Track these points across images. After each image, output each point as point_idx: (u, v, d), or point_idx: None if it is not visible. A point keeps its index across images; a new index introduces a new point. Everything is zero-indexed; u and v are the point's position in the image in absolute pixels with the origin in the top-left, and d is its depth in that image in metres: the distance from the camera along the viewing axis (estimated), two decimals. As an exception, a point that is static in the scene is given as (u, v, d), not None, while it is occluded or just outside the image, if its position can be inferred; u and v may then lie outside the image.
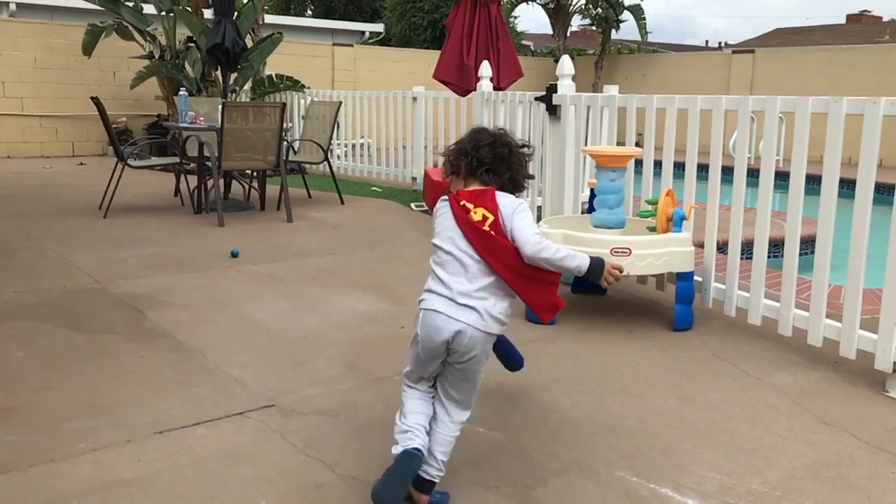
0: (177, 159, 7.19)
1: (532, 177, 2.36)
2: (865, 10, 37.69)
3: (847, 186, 3.21)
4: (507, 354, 2.80)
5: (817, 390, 3.04)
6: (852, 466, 2.45)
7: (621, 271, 2.21)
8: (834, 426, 2.73)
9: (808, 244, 3.92)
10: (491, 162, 2.25)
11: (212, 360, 3.24)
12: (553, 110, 5.20)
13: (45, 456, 2.39)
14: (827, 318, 3.32)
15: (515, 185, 2.29)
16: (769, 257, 3.70)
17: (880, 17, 36.85)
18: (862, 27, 31.63)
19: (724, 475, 2.37)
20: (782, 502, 2.23)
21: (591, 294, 4.36)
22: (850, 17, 37.06)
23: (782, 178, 3.53)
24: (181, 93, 7.45)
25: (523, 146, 2.34)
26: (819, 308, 3.33)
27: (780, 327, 3.52)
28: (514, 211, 2.18)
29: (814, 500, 2.24)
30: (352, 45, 15.54)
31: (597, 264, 2.17)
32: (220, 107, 6.51)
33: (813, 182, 3.38)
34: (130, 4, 10.50)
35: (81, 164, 10.70)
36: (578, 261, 2.15)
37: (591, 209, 4.30)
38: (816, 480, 2.35)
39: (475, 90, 6.46)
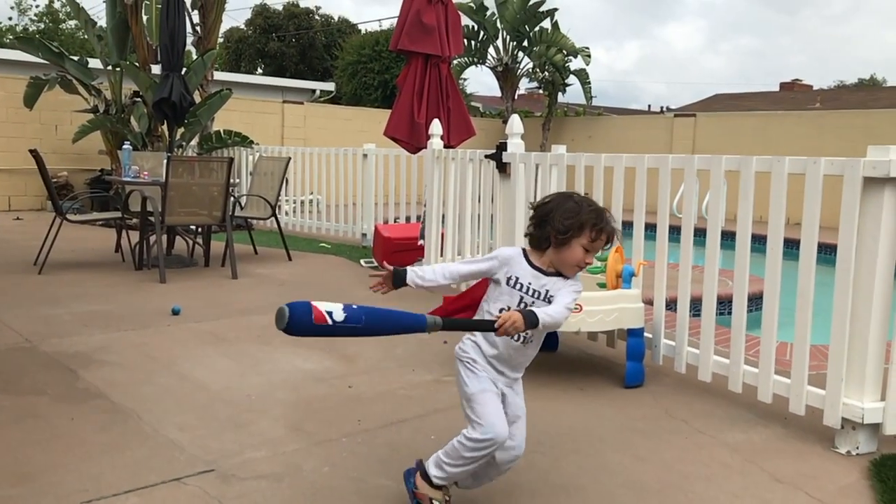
0: (118, 214, 7.00)
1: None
2: (797, 79, 39.70)
3: (791, 246, 3.28)
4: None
5: (769, 447, 3.03)
6: (808, 525, 2.42)
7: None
8: (787, 484, 2.70)
9: (754, 301, 3.97)
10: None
11: (148, 422, 3.08)
12: (503, 168, 5.25)
13: (-43, 530, 2.20)
14: (776, 375, 3.33)
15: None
16: (718, 314, 3.73)
17: (811, 86, 38.86)
18: (794, 94, 33.27)
19: (682, 537, 2.31)
20: (741, 565, 2.17)
21: (543, 351, 4.30)
22: (783, 85, 38.97)
23: (727, 237, 3.59)
24: (125, 146, 7.31)
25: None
26: (768, 364, 3.34)
27: (731, 384, 3.53)
28: None
29: (772, 561, 2.20)
30: (302, 103, 15.60)
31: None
32: (165, 161, 6.39)
33: (757, 241, 3.44)
34: (76, 58, 10.37)
35: (18, 218, 10.35)
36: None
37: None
38: (773, 541, 2.31)
39: (426, 147, 6.49)
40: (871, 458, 2.92)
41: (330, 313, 2.03)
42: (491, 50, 17.42)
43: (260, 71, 26.00)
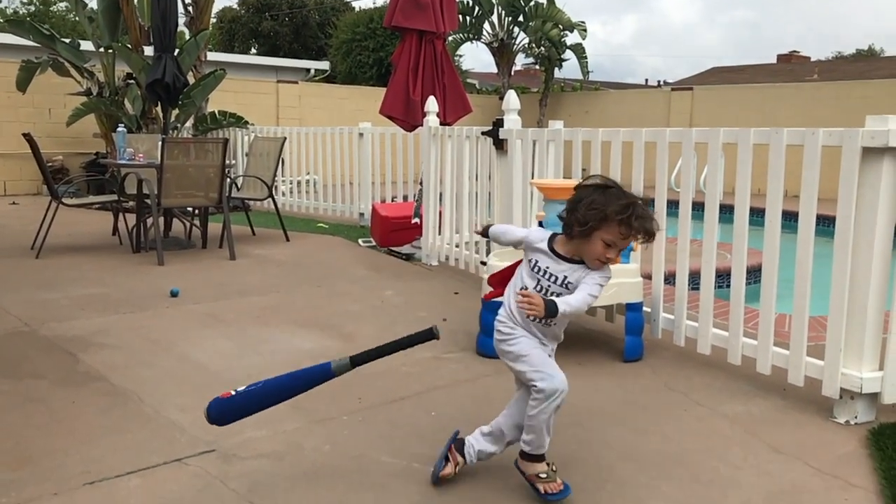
0: (114, 197, 6.97)
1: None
2: (794, 51, 39.46)
3: (789, 219, 3.27)
4: None
5: (768, 419, 3.04)
6: (806, 494, 2.43)
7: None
8: (786, 454, 2.72)
9: (753, 274, 3.96)
10: None
11: (149, 404, 3.08)
12: (500, 144, 5.22)
13: (-39, 513, 2.21)
14: (774, 347, 3.34)
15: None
16: (716, 288, 3.73)
17: (808, 58, 38.61)
18: (792, 66, 33.07)
19: (682, 508, 2.33)
20: (740, 534, 2.19)
21: (542, 327, 4.32)
22: (780, 57, 38.72)
23: (725, 210, 3.58)
24: (119, 129, 7.27)
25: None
26: (766, 337, 3.35)
27: (730, 356, 3.53)
28: None
29: (771, 530, 2.21)
30: (297, 83, 15.49)
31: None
32: (160, 143, 6.35)
33: (756, 214, 3.43)
34: (67, 41, 10.28)
35: (14, 203, 10.31)
36: None
37: (539, 242, 4.28)
38: (773, 510, 2.33)
39: (422, 125, 6.45)
40: (869, 427, 2.94)
41: (235, 389, 2.33)
42: (486, 25, 17.24)
43: (254, 51, 25.81)
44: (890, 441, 2.75)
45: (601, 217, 2.21)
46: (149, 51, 9.26)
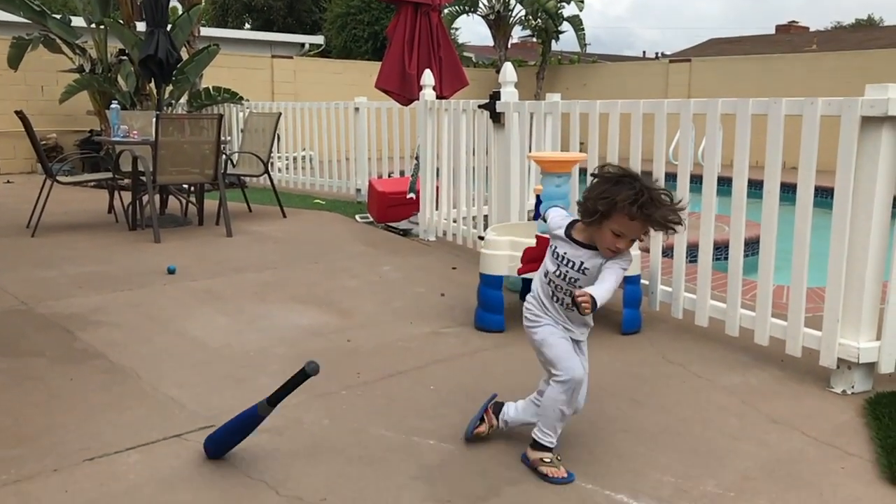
0: (109, 175, 6.93)
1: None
2: (793, 21, 39.16)
3: (787, 191, 3.25)
4: None
5: (766, 389, 3.05)
6: (804, 463, 2.45)
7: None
8: (784, 424, 2.73)
9: (751, 246, 3.95)
10: None
11: (147, 381, 3.08)
12: (497, 117, 5.18)
13: (-39, 490, 2.22)
14: (772, 318, 3.34)
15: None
16: (714, 260, 3.72)
17: (807, 28, 38.33)
18: (791, 37, 32.81)
19: (679, 478, 2.34)
20: (737, 503, 2.20)
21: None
22: (779, 28, 38.43)
23: (723, 183, 3.56)
24: (113, 105, 7.20)
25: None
26: (765, 308, 3.35)
27: (727, 328, 3.54)
28: None
29: (767, 499, 2.23)
30: (291, 58, 15.35)
31: None
32: (155, 119, 6.30)
33: (754, 186, 3.41)
34: (58, 16, 10.15)
35: (8, 181, 10.26)
36: None
37: (537, 216, 4.27)
38: (770, 479, 2.34)
39: (418, 99, 6.40)
40: (865, 396, 2.95)
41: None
42: (482, -3, 17.08)
43: (247, 26, 25.52)
44: (886, 410, 2.76)
45: (608, 207, 2.22)
46: (141, 26, 9.14)
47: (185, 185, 7.23)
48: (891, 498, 2.25)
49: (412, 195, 6.71)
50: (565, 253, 2.37)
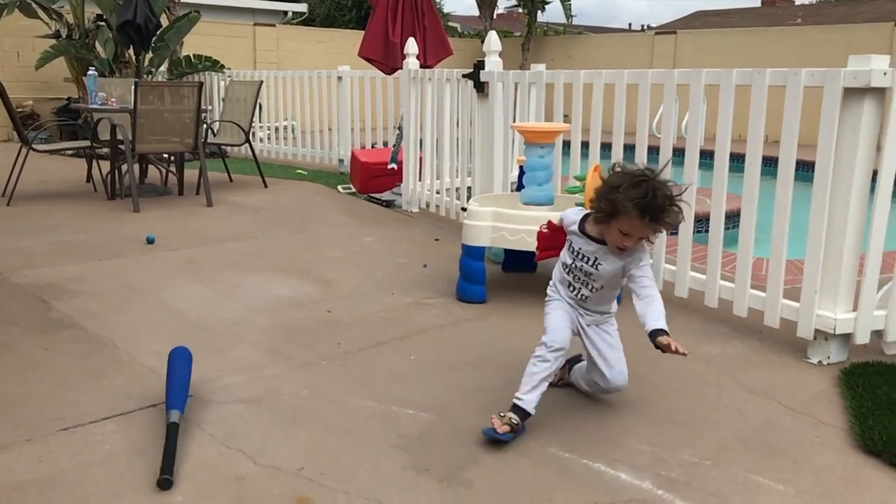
0: (87, 143, 6.81)
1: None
2: (779, -5, 38.97)
3: (769, 164, 3.24)
4: None
5: (744, 360, 3.08)
6: (779, 433, 2.47)
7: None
8: (761, 394, 2.75)
9: (731, 219, 3.96)
10: None
11: (124, 351, 3.05)
12: (481, 87, 5.13)
13: (-67, 460, 2.19)
14: (751, 289, 3.35)
15: None
16: (695, 233, 3.72)
17: (792, 1, 38.21)
18: (776, 10, 32.68)
19: (657, 447, 2.36)
20: (713, 472, 2.22)
21: (522, 272, 4.32)
22: (764, 1, 38.26)
23: (705, 156, 3.55)
24: (90, 72, 7.05)
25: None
26: (744, 279, 3.36)
27: (707, 299, 3.55)
28: None
29: (743, 467, 2.25)
30: (274, 25, 15.11)
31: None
32: (134, 87, 6.18)
33: (736, 160, 3.41)
34: (33, -20, 9.90)
35: (-16, 150, 10.07)
36: None
37: (520, 187, 4.25)
38: (746, 448, 2.36)
39: (401, 68, 6.32)
40: (841, 366, 2.98)
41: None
42: (468, -33, 16.86)
43: (229, -7, 25.05)
44: (860, 380, 2.79)
45: (615, 207, 2.28)
46: (119, -9, 8.95)
47: (165, 155, 7.13)
48: (862, 465, 2.28)
49: (394, 165, 6.66)
50: (580, 248, 2.48)
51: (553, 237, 2.73)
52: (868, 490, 2.15)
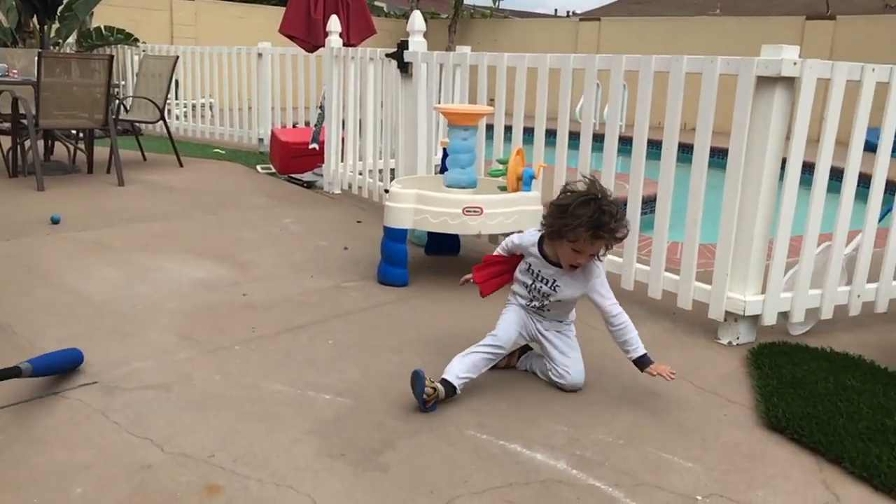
0: (-13, 116, 6.41)
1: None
2: (698, -14, 40.01)
3: (685, 151, 3.31)
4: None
5: (657, 341, 3.14)
6: (690, 412, 2.54)
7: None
8: (673, 375, 2.81)
9: (648, 204, 4.04)
10: None
11: (23, 336, 2.89)
12: (405, 67, 5.07)
13: None
14: (666, 272, 3.43)
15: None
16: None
17: (712, -7, 39.25)
18: (697, 0, 33.55)
19: (572, 427, 2.38)
20: (626, 450, 2.26)
21: (445, 255, 4.31)
22: (685, -8, 39.19)
23: (625, 142, 3.60)
24: (-10, 41, 6.64)
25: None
26: (659, 262, 3.43)
27: (623, 281, 3.62)
28: None
29: (654, 446, 2.30)
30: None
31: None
32: (37, 58, 5.85)
33: (653, 146, 3.47)
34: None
35: None
36: None
37: (443, 169, 4.22)
38: (658, 427, 2.41)
39: (323, 46, 6.19)
40: (749, 347, 3.08)
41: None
42: (394, -54, 16.63)
43: (146, -37, 24.05)
44: (766, 360, 2.90)
45: (564, 224, 2.37)
46: (22, -44, 8.45)
47: (74, 131, 6.79)
48: (766, 441, 2.36)
49: (315, 146, 6.53)
50: (539, 270, 2.58)
51: (509, 260, 2.78)
52: (772, 465, 2.23)
